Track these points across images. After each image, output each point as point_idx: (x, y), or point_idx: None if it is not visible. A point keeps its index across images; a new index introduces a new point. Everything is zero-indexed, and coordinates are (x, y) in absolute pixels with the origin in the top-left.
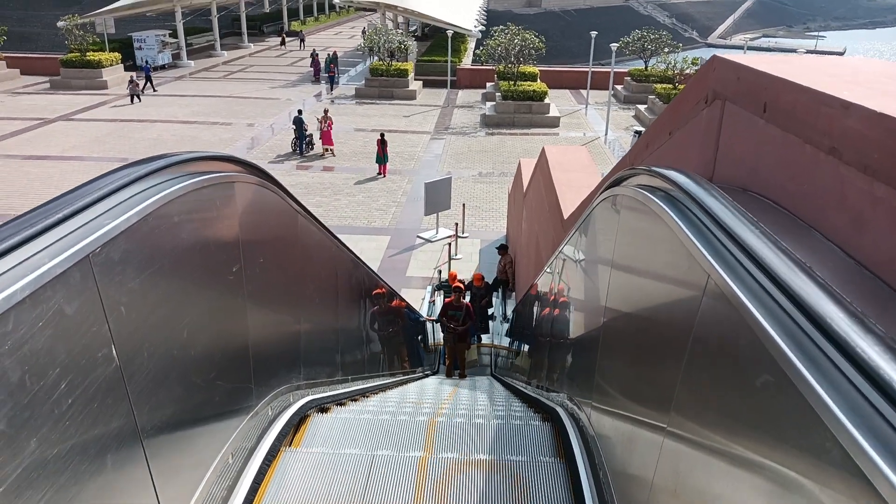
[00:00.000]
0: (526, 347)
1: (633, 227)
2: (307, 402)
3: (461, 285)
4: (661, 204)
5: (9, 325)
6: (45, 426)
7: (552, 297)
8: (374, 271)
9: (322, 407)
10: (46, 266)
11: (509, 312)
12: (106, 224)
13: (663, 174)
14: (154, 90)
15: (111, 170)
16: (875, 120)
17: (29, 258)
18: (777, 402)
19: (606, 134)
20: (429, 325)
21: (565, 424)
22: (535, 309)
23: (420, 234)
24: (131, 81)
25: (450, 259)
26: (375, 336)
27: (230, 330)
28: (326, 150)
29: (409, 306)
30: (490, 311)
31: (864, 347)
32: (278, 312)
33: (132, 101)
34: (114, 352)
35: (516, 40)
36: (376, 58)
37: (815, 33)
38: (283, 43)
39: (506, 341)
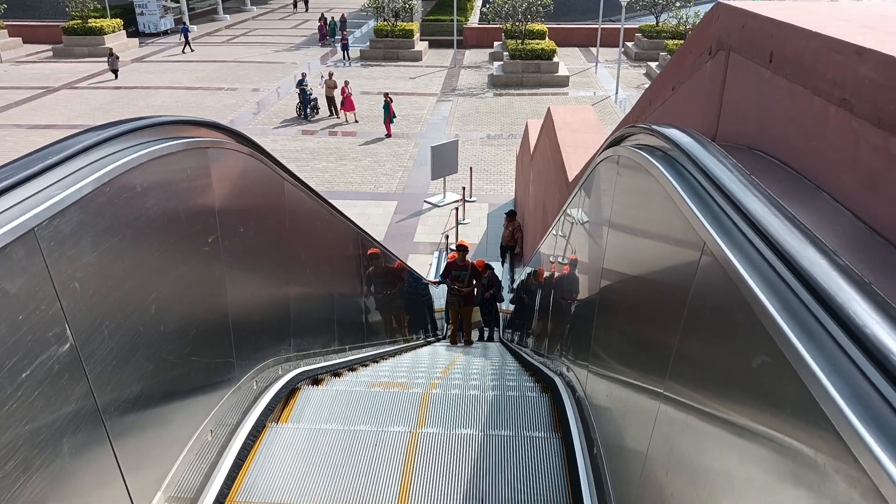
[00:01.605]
0: (532, 312)
1: (631, 188)
2: (298, 374)
3: (466, 243)
4: (658, 164)
5: None
6: None
7: (554, 261)
8: (368, 233)
9: (315, 378)
10: None
11: (517, 279)
12: (54, 195)
13: (661, 132)
14: (192, 49)
15: (63, 137)
16: (892, 66)
17: None
18: (770, 377)
19: (617, 93)
20: (433, 289)
21: (562, 396)
22: (537, 273)
23: (427, 199)
24: (111, 55)
25: (457, 224)
26: (372, 301)
27: (206, 303)
28: (346, 116)
29: (409, 268)
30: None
31: (865, 320)
32: (263, 283)
33: (115, 76)
34: (68, 331)
35: None
36: (381, 18)
37: None
38: (295, 5)
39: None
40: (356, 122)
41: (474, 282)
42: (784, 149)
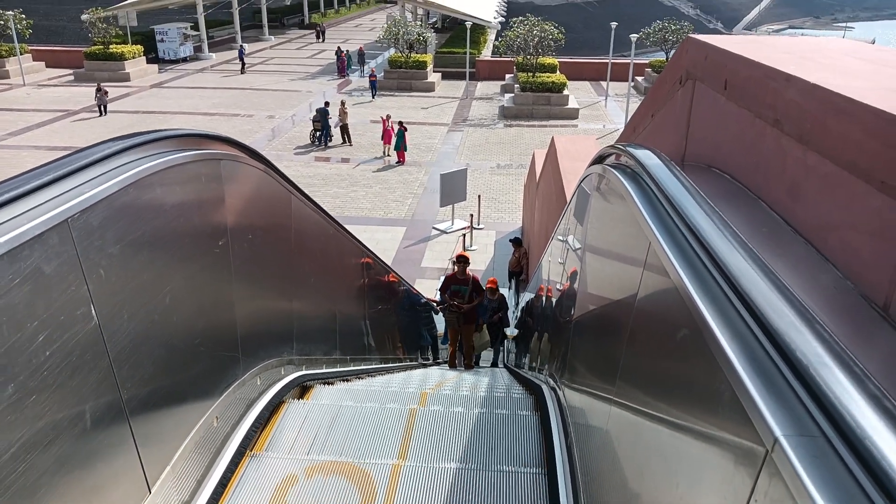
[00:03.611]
0: (532, 334)
1: (602, 202)
2: (299, 377)
3: (467, 255)
4: (620, 178)
5: None
6: (22, 373)
7: (545, 279)
8: (369, 249)
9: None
10: (23, 227)
11: (522, 303)
12: (86, 192)
13: (626, 150)
14: (243, 72)
15: (95, 143)
16: (809, 91)
17: (7, 220)
18: (692, 361)
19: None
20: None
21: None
22: (535, 295)
23: (435, 226)
24: (99, 90)
25: (465, 250)
26: (364, 315)
27: (215, 300)
28: (386, 150)
29: (406, 284)
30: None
31: (774, 316)
32: (268, 288)
33: (101, 112)
34: (93, 311)
35: (535, 31)
36: (396, 50)
37: (844, 24)
38: (318, 36)
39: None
40: (388, 156)
41: (475, 297)
42: (733, 166)
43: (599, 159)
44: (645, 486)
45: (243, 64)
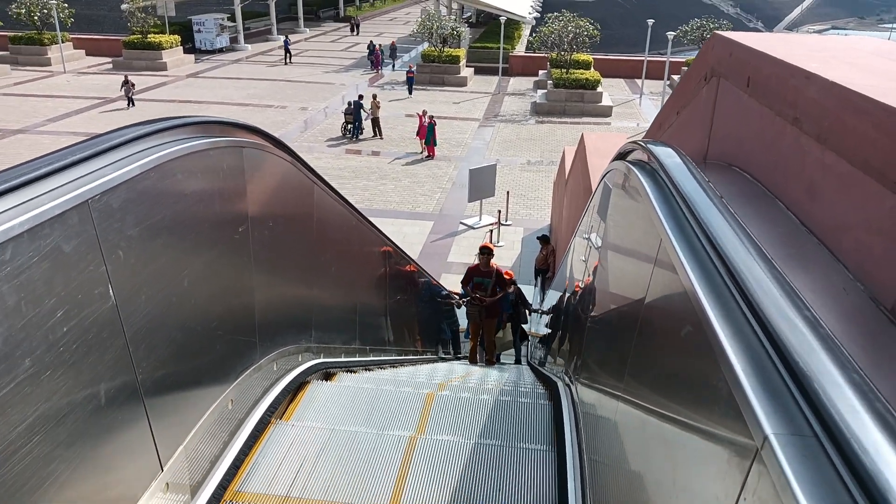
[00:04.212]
0: (555, 332)
1: (620, 198)
2: (318, 364)
3: (490, 246)
4: (637, 174)
5: (6, 255)
6: (39, 348)
7: (567, 276)
8: (391, 240)
9: (328, 373)
10: (44, 207)
11: (547, 302)
12: (107, 174)
13: (645, 147)
14: (289, 63)
15: (117, 127)
16: (828, 89)
17: (30, 200)
18: (696, 357)
19: None
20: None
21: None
22: (558, 292)
23: (463, 221)
24: (126, 82)
25: (492, 243)
26: (385, 306)
27: (233, 285)
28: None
29: (428, 275)
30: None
31: (777, 316)
32: (288, 275)
33: (129, 104)
34: (111, 291)
35: (570, 27)
36: (429, 44)
37: (890, 25)
38: (352, 29)
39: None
40: (424, 153)
41: (498, 291)
42: (753, 165)
43: (620, 156)
44: (647, 475)
45: (288, 54)
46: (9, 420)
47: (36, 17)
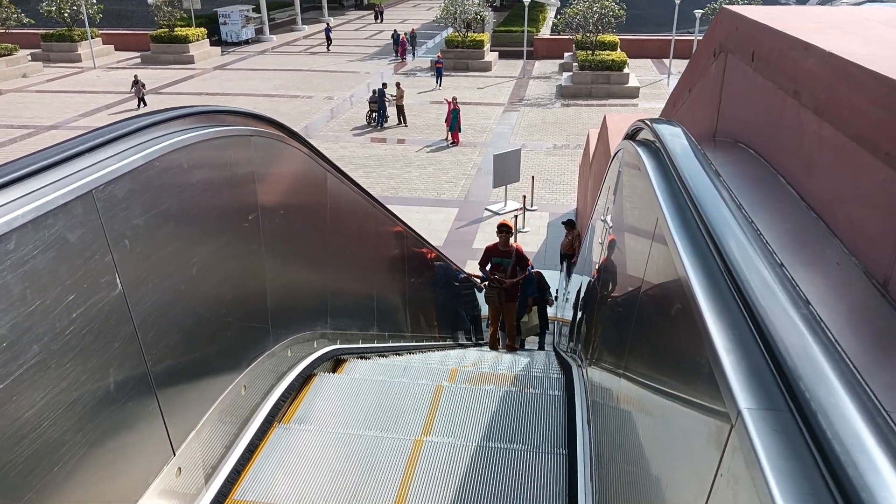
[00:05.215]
0: (575, 315)
1: (627, 177)
2: (333, 350)
3: (509, 224)
4: (640, 152)
5: (10, 244)
6: (46, 336)
7: (585, 258)
8: (409, 226)
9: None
10: (48, 197)
11: (572, 286)
12: (111, 164)
13: (648, 125)
14: (329, 50)
15: (122, 119)
16: (825, 59)
17: (34, 191)
18: (686, 334)
19: None
20: (480, 297)
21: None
22: (580, 276)
23: (488, 207)
24: (136, 82)
25: (517, 232)
26: (402, 293)
27: (244, 273)
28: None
29: (447, 260)
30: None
31: (761, 293)
32: (300, 263)
33: (139, 104)
34: (118, 279)
35: (595, 7)
36: (453, 29)
37: None
38: (376, 17)
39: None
40: (449, 141)
41: (518, 271)
42: (757, 141)
43: (629, 135)
44: (642, 455)
45: (329, 41)
46: (20, 405)
47: (66, 14)
